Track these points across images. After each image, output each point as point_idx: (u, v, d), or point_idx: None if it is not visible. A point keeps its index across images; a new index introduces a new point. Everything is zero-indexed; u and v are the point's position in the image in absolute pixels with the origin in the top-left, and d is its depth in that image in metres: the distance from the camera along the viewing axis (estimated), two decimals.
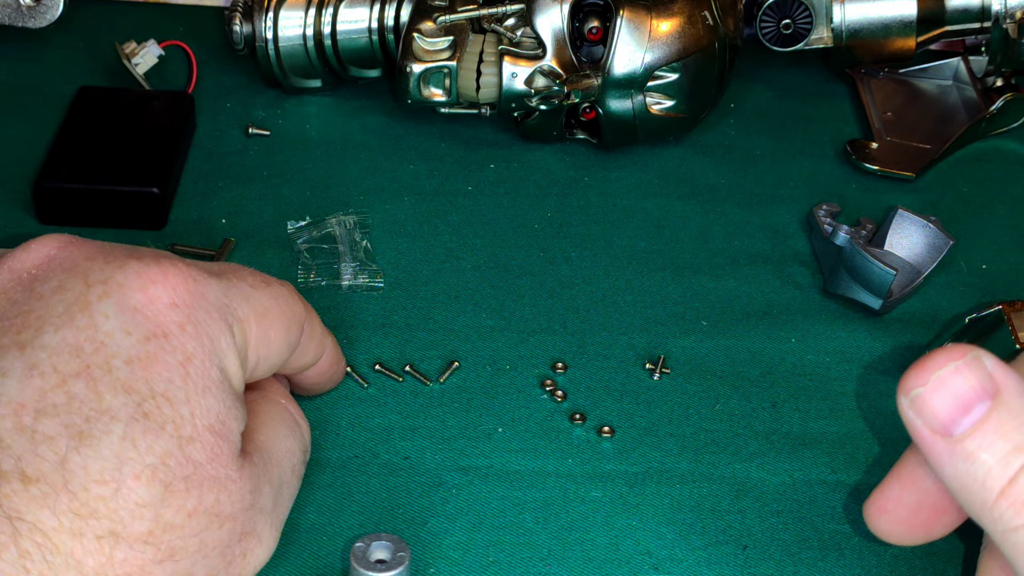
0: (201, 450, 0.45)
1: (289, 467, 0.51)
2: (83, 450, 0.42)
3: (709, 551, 0.54)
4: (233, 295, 0.49)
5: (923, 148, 0.76)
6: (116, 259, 0.47)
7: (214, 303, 0.47)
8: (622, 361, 0.63)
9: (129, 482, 0.43)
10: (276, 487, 0.49)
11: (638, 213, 0.72)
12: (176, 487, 0.44)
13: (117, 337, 0.45)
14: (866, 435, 0.60)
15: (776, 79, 0.83)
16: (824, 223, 0.67)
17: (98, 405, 0.43)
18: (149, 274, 0.46)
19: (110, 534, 0.42)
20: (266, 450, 0.49)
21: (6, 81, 0.79)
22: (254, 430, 0.50)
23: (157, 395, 0.44)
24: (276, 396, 0.53)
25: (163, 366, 0.45)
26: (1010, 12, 0.77)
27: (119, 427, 0.43)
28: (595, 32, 0.72)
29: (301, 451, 0.52)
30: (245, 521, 0.46)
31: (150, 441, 0.43)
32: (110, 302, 0.45)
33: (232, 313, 0.48)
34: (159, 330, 0.45)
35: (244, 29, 0.76)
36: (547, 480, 0.57)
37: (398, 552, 0.50)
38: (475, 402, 0.60)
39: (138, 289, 0.46)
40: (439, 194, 0.73)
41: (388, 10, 0.76)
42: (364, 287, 0.66)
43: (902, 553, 0.54)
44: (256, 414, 0.51)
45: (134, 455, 0.43)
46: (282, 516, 0.50)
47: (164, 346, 0.45)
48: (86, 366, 0.44)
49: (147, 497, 0.43)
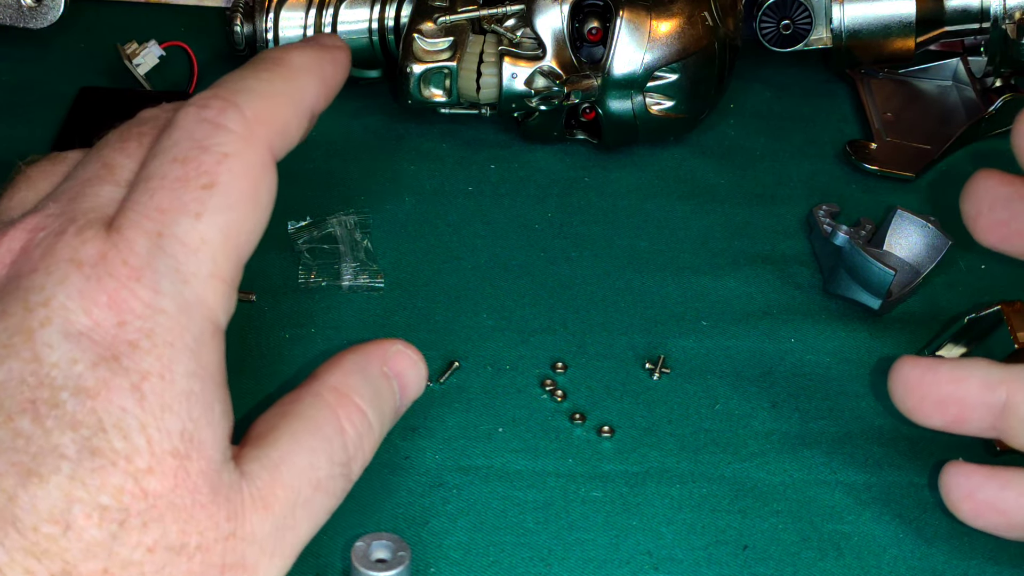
0: (161, 480, 0.41)
1: (309, 484, 0.45)
2: (31, 488, 0.40)
3: (709, 551, 0.54)
4: (180, 249, 0.43)
5: (923, 148, 0.76)
6: (57, 268, 0.43)
7: (169, 292, 0.43)
8: (622, 361, 0.63)
9: (80, 522, 0.40)
10: (282, 510, 0.44)
11: (638, 213, 0.72)
12: (132, 523, 0.41)
13: (63, 367, 0.41)
14: (866, 435, 0.60)
15: (776, 79, 0.83)
16: (824, 223, 0.67)
17: (45, 442, 0.40)
18: (90, 293, 0.42)
19: (63, 573, 0.40)
20: (273, 467, 0.44)
21: (7, 81, 0.79)
22: (270, 442, 0.45)
23: (108, 428, 0.41)
24: (322, 390, 0.47)
25: (114, 393, 0.41)
26: (1009, 13, 0.77)
27: (67, 466, 0.40)
28: (595, 33, 0.72)
29: (331, 463, 0.46)
30: (224, 552, 0.42)
31: (101, 479, 0.40)
32: (53, 329, 0.42)
33: (191, 272, 0.43)
34: (108, 353, 0.42)
35: (245, 30, 0.76)
36: (547, 480, 0.57)
37: (398, 552, 0.50)
38: (475, 402, 0.60)
39: (82, 311, 0.42)
40: (440, 194, 0.73)
41: (388, 10, 0.76)
42: (365, 287, 0.66)
43: (901, 553, 0.55)
44: (285, 418, 0.46)
45: (84, 495, 0.40)
46: (292, 541, 0.44)
47: (115, 369, 0.41)
48: (31, 401, 0.41)
49: (99, 536, 0.40)
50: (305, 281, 0.66)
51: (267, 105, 0.45)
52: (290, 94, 0.46)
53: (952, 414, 0.53)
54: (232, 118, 0.44)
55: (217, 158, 0.43)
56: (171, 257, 0.43)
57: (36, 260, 0.43)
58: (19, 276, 0.43)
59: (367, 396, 0.48)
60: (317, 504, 0.45)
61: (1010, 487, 0.52)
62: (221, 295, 0.43)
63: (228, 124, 0.44)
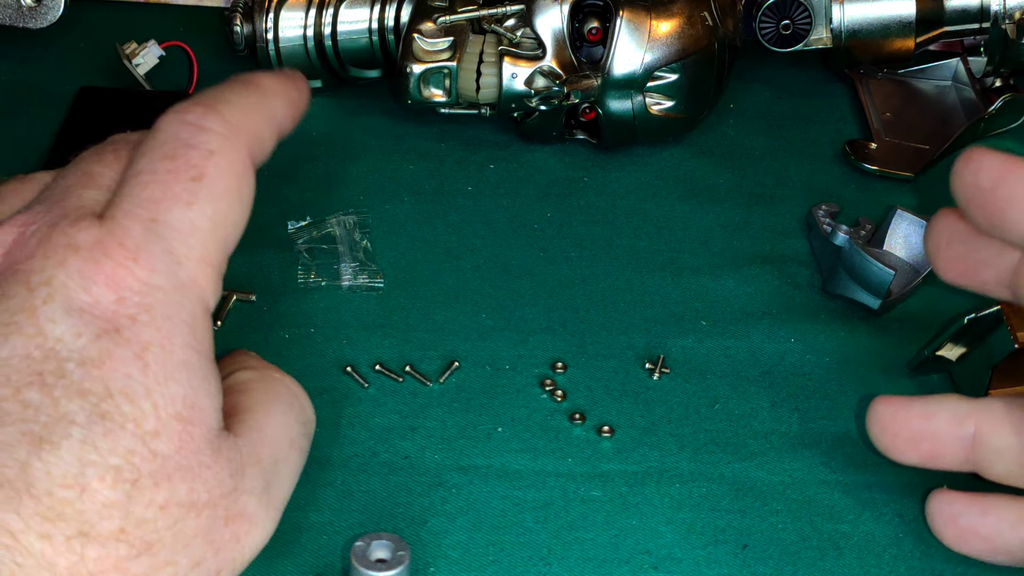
0: (168, 442, 0.44)
1: (286, 442, 0.50)
2: (44, 456, 0.42)
3: (709, 550, 0.54)
4: (173, 234, 0.46)
5: (922, 148, 0.76)
6: (55, 252, 0.45)
7: (164, 272, 0.45)
8: (622, 361, 0.63)
9: (94, 484, 0.42)
10: (269, 466, 0.48)
11: (638, 213, 0.72)
12: (144, 483, 0.43)
13: (67, 340, 0.43)
14: (866, 435, 0.60)
15: (775, 79, 0.83)
16: (823, 223, 0.67)
17: (54, 411, 0.42)
18: (89, 273, 0.44)
19: (79, 534, 0.42)
20: (257, 428, 0.49)
21: (7, 81, 0.80)
22: (246, 409, 0.49)
23: (115, 393, 0.43)
24: (270, 371, 0.52)
25: (118, 362, 0.44)
26: (1009, 12, 0.77)
27: (78, 431, 0.42)
28: (595, 33, 0.72)
29: (299, 423, 0.51)
30: (229, 505, 0.46)
31: (111, 442, 0.43)
32: (55, 305, 0.44)
33: (184, 254, 0.46)
34: (109, 326, 0.44)
35: (245, 30, 0.76)
36: (547, 479, 0.57)
37: (398, 551, 0.50)
38: (475, 402, 0.60)
39: (82, 289, 0.44)
40: (439, 194, 0.73)
41: (388, 11, 0.76)
42: (364, 287, 0.66)
43: (901, 553, 0.55)
44: (250, 391, 0.50)
45: (96, 457, 0.42)
46: (280, 494, 0.49)
47: (117, 340, 0.44)
48: (38, 374, 0.43)
49: (113, 497, 0.42)
50: (305, 281, 0.66)
51: (244, 114, 0.48)
52: (263, 109, 0.50)
53: (926, 449, 0.55)
54: (214, 121, 0.47)
55: (204, 154, 0.47)
56: (165, 240, 0.45)
57: (33, 247, 0.45)
58: (16, 263, 0.45)
59: None
60: (293, 460, 0.50)
61: (991, 513, 0.53)
62: (210, 279, 0.46)
63: (211, 126, 0.47)
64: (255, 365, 0.53)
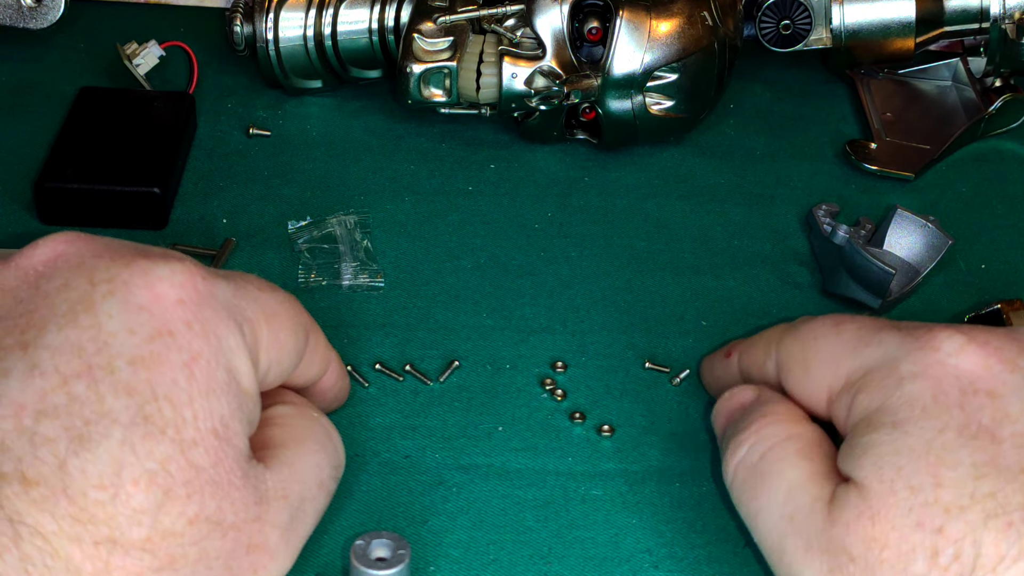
0: (204, 455, 0.44)
1: (315, 482, 0.50)
2: (82, 454, 0.42)
3: (709, 549, 0.54)
4: (242, 295, 0.48)
5: (922, 148, 0.77)
6: (123, 257, 0.46)
7: (222, 301, 0.47)
8: (622, 361, 0.63)
9: (128, 487, 0.42)
10: (295, 503, 0.48)
11: (638, 213, 0.72)
12: (176, 493, 0.43)
13: (121, 337, 0.44)
14: None
15: (775, 79, 0.83)
16: (823, 223, 0.67)
17: (99, 407, 0.43)
18: (156, 272, 0.45)
19: (108, 540, 0.42)
20: (289, 464, 0.49)
21: (8, 82, 0.80)
22: (280, 444, 0.49)
23: (160, 397, 0.43)
24: (308, 410, 0.52)
25: (167, 366, 0.44)
26: (1009, 13, 0.77)
27: (119, 431, 0.42)
28: (595, 33, 0.72)
29: (331, 466, 0.51)
30: (253, 533, 0.46)
31: (150, 446, 0.43)
32: (114, 300, 0.44)
33: (241, 312, 0.47)
34: (164, 328, 0.44)
35: (245, 30, 0.76)
36: (547, 479, 0.57)
37: (398, 550, 0.50)
38: (475, 401, 0.61)
39: (144, 287, 0.45)
40: (439, 194, 0.73)
41: (388, 11, 0.76)
42: (364, 287, 0.66)
43: None
44: (286, 427, 0.50)
45: (133, 460, 0.42)
46: (302, 532, 0.49)
47: (170, 345, 0.44)
48: (88, 367, 0.43)
49: (145, 503, 0.42)
50: (305, 281, 0.66)
51: None
52: None
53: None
54: None
55: None
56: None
57: (101, 250, 0.46)
58: (81, 261, 0.46)
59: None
60: (319, 501, 0.50)
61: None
62: (263, 335, 0.49)
63: None
64: (294, 401, 0.52)
